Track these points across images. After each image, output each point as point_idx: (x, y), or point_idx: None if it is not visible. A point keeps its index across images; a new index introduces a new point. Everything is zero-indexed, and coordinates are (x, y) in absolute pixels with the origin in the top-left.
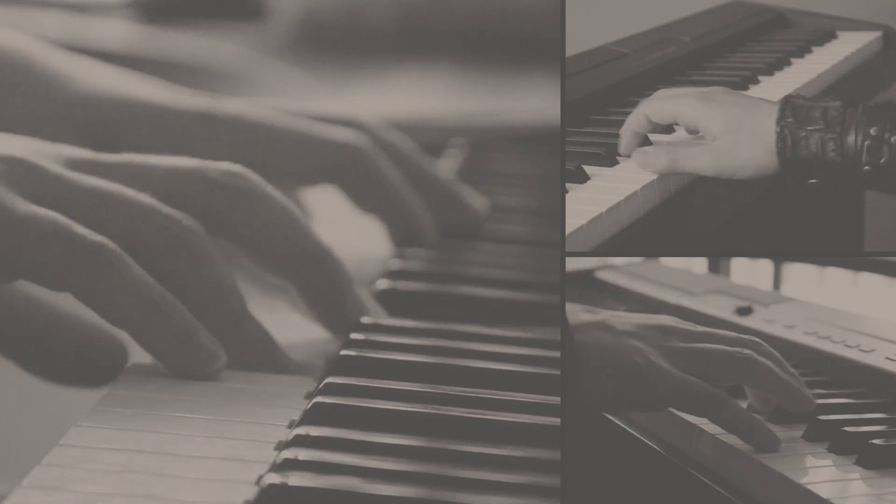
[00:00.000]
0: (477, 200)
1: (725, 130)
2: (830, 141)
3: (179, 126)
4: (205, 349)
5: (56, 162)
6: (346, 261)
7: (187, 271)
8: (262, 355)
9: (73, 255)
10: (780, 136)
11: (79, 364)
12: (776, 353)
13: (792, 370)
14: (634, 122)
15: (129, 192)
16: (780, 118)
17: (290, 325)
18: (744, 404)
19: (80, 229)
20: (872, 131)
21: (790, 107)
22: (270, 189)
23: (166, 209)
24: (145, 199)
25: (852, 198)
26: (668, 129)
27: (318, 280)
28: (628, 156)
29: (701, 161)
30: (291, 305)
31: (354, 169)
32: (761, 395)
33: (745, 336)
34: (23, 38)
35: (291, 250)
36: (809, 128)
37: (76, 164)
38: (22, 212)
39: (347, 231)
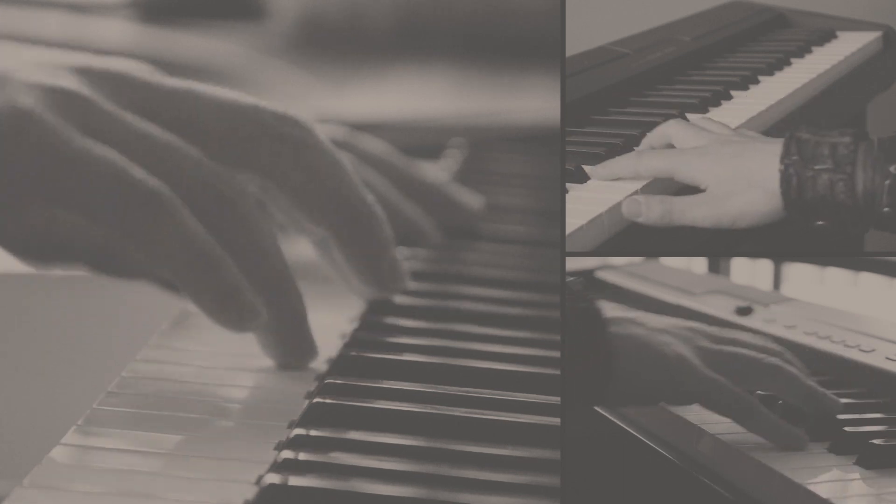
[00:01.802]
0: (473, 199)
1: (718, 181)
2: (840, 182)
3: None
4: (248, 306)
5: (110, 85)
6: None
7: (230, 229)
8: (292, 327)
9: (130, 197)
10: (785, 176)
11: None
12: (798, 362)
13: (811, 377)
14: (625, 171)
15: (180, 144)
16: (785, 155)
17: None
18: None
19: (139, 172)
20: (893, 169)
21: (795, 143)
22: (323, 139)
23: (214, 166)
24: (194, 152)
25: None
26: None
27: (360, 234)
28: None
29: (697, 212)
30: (326, 258)
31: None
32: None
33: (771, 344)
34: None
35: (336, 201)
36: (817, 167)
37: (132, 88)
38: (79, 146)
39: None
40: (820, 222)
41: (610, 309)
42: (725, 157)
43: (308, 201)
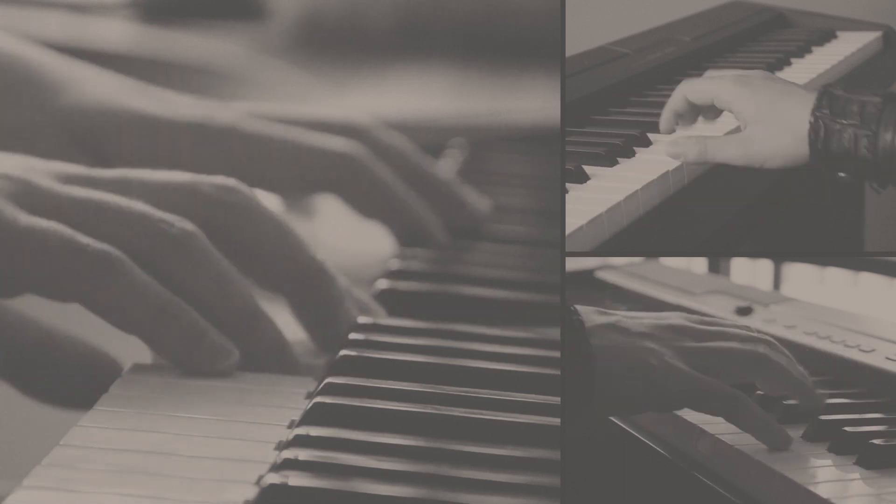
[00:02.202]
0: (479, 200)
1: (756, 118)
2: (864, 138)
3: (172, 137)
4: (217, 347)
5: (49, 177)
6: (345, 261)
7: (188, 271)
8: (273, 354)
9: (79, 264)
10: (814, 127)
11: (73, 384)
12: (787, 352)
13: (801, 369)
14: (674, 102)
15: (122, 200)
16: (817, 108)
17: (291, 325)
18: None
19: (84, 238)
20: None
21: (827, 97)
22: (264, 204)
23: (159, 213)
24: (137, 205)
25: (852, 198)
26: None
27: (310, 296)
28: (667, 133)
29: (730, 151)
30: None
31: (351, 178)
32: (774, 393)
33: (758, 334)
34: (21, 43)
35: (283, 265)
36: (844, 121)
37: (70, 180)
38: (24, 224)
39: (350, 231)
40: (842, 174)
41: (590, 315)
42: (766, 93)
43: (255, 267)
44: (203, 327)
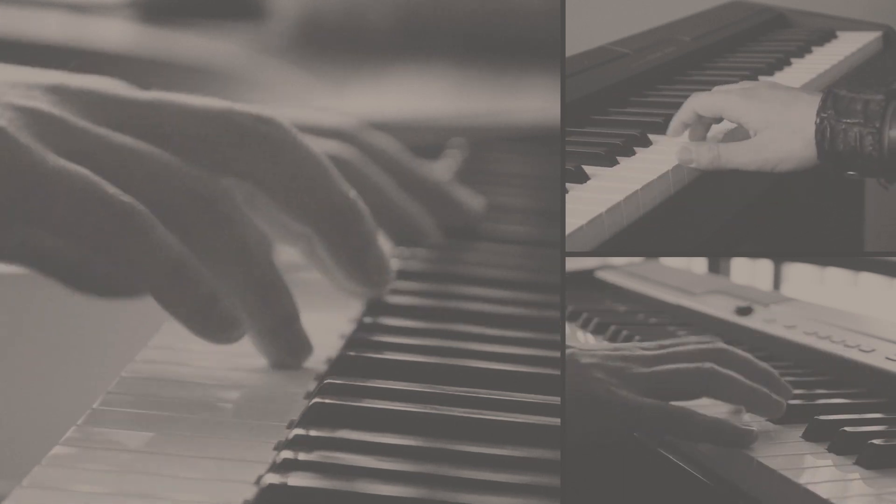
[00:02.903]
0: (474, 199)
1: (765, 125)
2: (869, 135)
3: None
4: (227, 316)
5: (82, 102)
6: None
7: (213, 231)
8: (284, 327)
9: (103, 214)
10: (820, 128)
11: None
12: (743, 356)
13: (762, 367)
14: (683, 114)
15: (156, 152)
16: (821, 109)
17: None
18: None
19: (111, 188)
20: None
21: (832, 98)
22: (300, 137)
23: (192, 170)
24: (171, 159)
25: (852, 198)
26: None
27: (342, 230)
28: (673, 137)
29: (742, 157)
30: (313, 259)
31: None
32: (731, 403)
33: (709, 346)
34: None
35: (318, 198)
36: (848, 120)
37: (104, 103)
38: (52, 165)
39: None
40: (850, 172)
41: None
42: (772, 102)
43: (290, 200)
44: (216, 294)
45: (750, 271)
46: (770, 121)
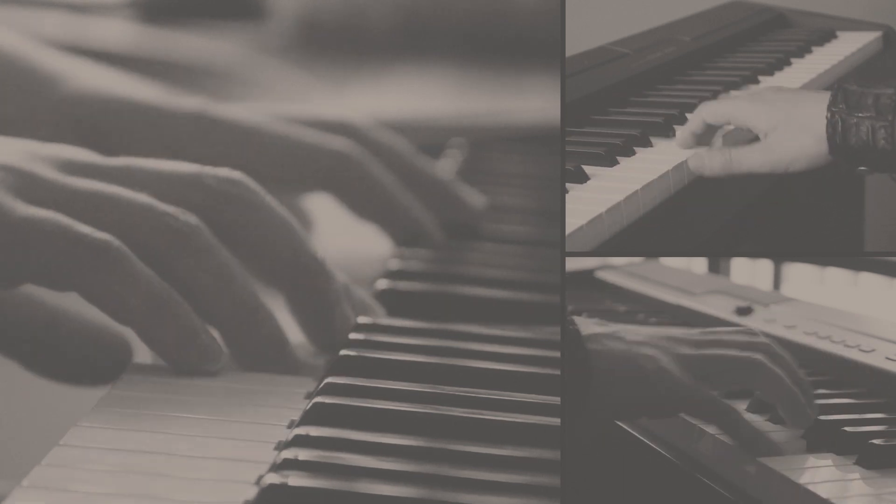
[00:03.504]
0: (476, 198)
1: (773, 126)
2: (881, 129)
3: (172, 127)
4: (207, 348)
5: (53, 165)
6: (345, 261)
7: (190, 265)
8: (272, 351)
9: (78, 253)
10: (831, 123)
11: (83, 362)
12: (787, 357)
13: (802, 376)
14: (693, 124)
15: (125, 192)
16: (832, 104)
17: (293, 325)
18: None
19: (83, 228)
20: None
21: (842, 93)
22: (268, 198)
23: (163, 206)
24: (141, 197)
25: (852, 198)
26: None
27: (308, 293)
28: (684, 148)
29: (753, 160)
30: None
31: (347, 177)
32: (769, 400)
33: (757, 338)
34: (16, 37)
35: (284, 261)
36: (860, 115)
37: (73, 168)
38: (21, 214)
39: (348, 231)
40: (862, 168)
41: (588, 325)
42: (779, 104)
43: (256, 261)
44: (197, 326)
45: (750, 271)
46: (778, 121)
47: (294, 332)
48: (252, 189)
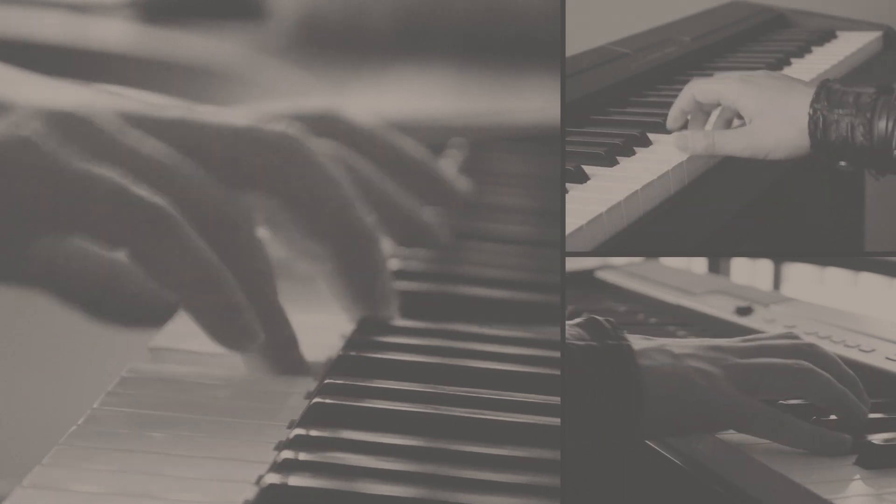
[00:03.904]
0: (460, 179)
1: (760, 112)
2: (860, 126)
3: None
4: (248, 327)
5: (112, 115)
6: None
7: (232, 251)
8: (282, 351)
9: (131, 214)
10: (813, 119)
11: (143, 307)
12: (832, 356)
13: (849, 372)
14: (682, 100)
15: (185, 164)
16: (815, 101)
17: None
18: None
19: (140, 190)
20: None
21: (825, 90)
22: (321, 157)
23: (220, 188)
24: (198, 174)
25: (852, 198)
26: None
27: (356, 254)
28: (672, 130)
29: (736, 143)
30: (327, 280)
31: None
32: (819, 404)
33: (800, 343)
34: None
35: (335, 220)
36: (840, 111)
37: (132, 119)
38: (78, 169)
39: None
40: (842, 163)
41: (636, 341)
42: (768, 90)
43: (309, 219)
44: (241, 304)
45: (750, 271)
46: (765, 108)
47: (305, 327)
48: (305, 145)
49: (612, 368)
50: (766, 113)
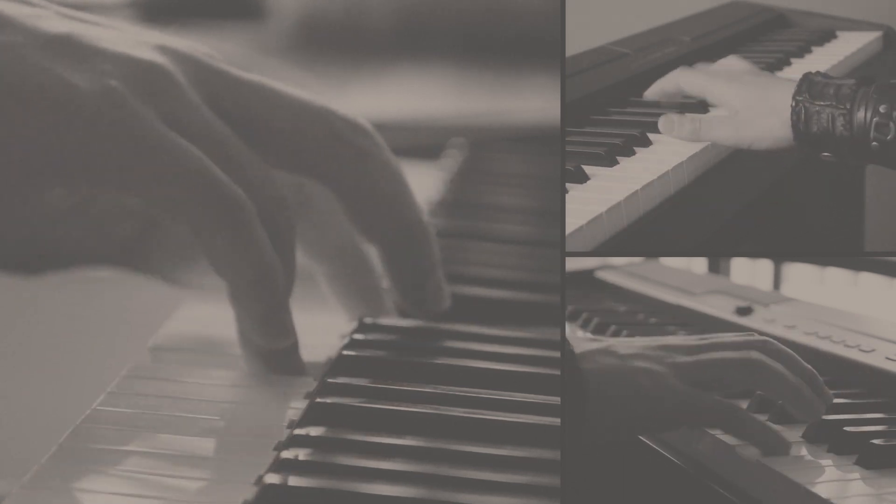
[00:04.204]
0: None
1: (746, 106)
2: (840, 117)
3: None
4: (286, 326)
5: (191, 67)
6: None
7: (279, 251)
8: (284, 352)
9: (211, 199)
10: (795, 111)
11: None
12: (788, 351)
13: (807, 367)
14: (667, 84)
15: (255, 156)
16: (797, 93)
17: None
18: (744, 404)
19: (224, 176)
20: (882, 108)
21: (807, 82)
22: (388, 152)
23: (280, 186)
24: (265, 168)
25: (852, 198)
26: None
27: (410, 251)
28: (649, 99)
29: (721, 131)
30: (332, 284)
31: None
32: (773, 398)
33: (754, 337)
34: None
35: (393, 215)
36: (821, 103)
37: (210, 75)
38: (168, 139)
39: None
40: (825, 154)
41: (580, 342)
42: (753, 87)
43: (365, 212)
44: (284, 304)
45: (750, 271)
46: (750, 102)
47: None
48: (376, 140)
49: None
50: (751, 105)
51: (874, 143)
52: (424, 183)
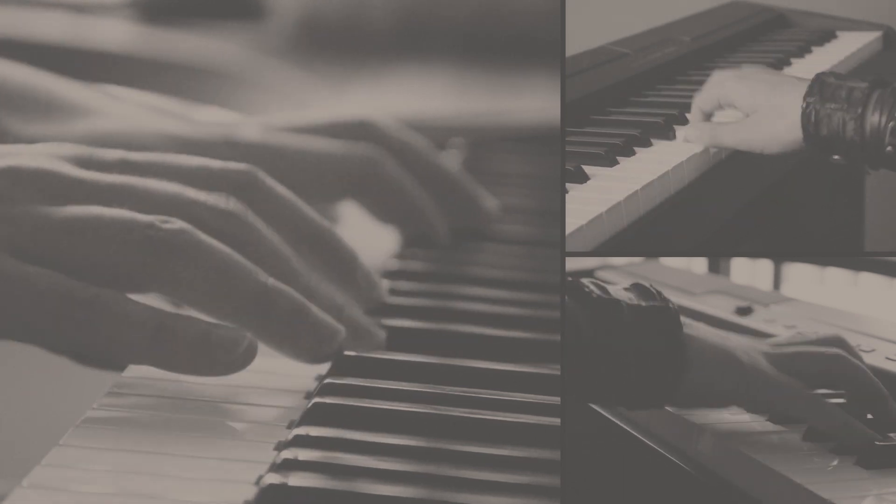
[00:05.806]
0: (489, 200)
1: (754, 108)
2: (851, 121)
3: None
4: (322, 325)
5: (76, 163)
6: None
7: (246, 240)
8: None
9: (151, 246)
10: (805, 113)
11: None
12: (859, 359)
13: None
14: (694, 116)
15: (154, 183)
16: (808, 94)
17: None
18: None
19: (144, 217)
20: None
21: (818, 84)
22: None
23: (199, 194)
24: (172, 186)
25: (852, 198)
26: None
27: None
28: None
29: (732, 137)
30: None
31: (372, 183)
32: (855, 395)
33: (832, 335)
34: (42, 73)
35: (298, 232)
36: (832, 106)
37: (95, 164)
38: (62, 215)
39: (350, 230)
40: (835, 157)
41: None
42: (761, 86)
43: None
44: (302, 303)
45: (750, 271)
46: (758, 104)
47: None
48: (260, 178)
49: (659, 328)
50: (760, 108)
51: (888, 147)
52: None
